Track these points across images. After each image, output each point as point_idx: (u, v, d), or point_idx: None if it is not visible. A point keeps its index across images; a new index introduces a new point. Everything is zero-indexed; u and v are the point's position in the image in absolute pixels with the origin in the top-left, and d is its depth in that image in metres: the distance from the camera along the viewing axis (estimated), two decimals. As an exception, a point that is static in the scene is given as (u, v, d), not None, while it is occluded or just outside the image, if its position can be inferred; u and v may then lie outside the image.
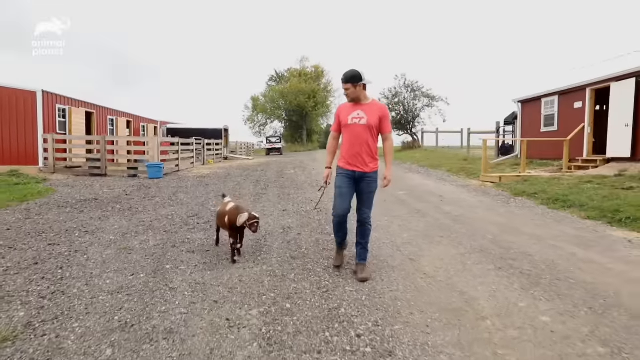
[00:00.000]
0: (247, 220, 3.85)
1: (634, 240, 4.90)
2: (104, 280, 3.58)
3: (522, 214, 6.66)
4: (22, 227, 5.64)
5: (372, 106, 3.60)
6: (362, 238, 3.70)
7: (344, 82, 3.50)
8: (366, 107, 3.57)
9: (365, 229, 3.67)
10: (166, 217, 6.35)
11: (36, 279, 3.58)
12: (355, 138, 3.55)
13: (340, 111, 3.69)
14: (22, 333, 2.60)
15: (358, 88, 3.52)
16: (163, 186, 10.41)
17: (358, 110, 3.57)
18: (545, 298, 3.16)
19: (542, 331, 2.63)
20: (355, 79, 3.48)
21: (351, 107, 3.62)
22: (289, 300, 3.14)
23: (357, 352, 2.39)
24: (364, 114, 3.54)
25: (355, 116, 3.55)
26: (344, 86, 3.52)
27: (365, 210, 3.65)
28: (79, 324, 2.74)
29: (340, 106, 3.75)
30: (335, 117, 3.76)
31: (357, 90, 3.52)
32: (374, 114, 3.55)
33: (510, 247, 4.61)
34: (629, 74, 9.93)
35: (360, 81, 3.49)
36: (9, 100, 12.53)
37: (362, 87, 3.55)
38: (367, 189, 3.62)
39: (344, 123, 3.60)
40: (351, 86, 3.50)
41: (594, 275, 3.65)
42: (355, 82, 3.49)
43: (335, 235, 3.90)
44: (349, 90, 3.52)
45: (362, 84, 3.52)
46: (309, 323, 2.77)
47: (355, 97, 3.57)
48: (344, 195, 3.61)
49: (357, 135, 3.54)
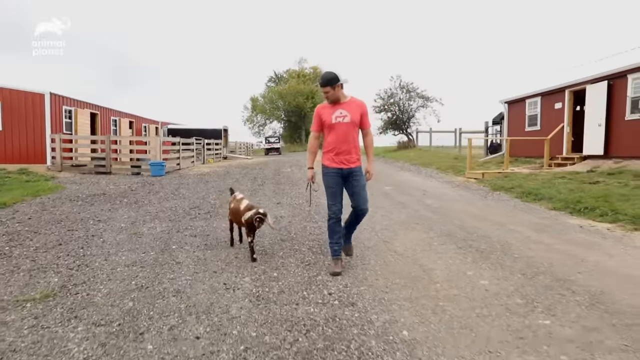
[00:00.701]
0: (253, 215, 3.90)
1: (585, 226, 5.53)
2: (120, 257, 4.20)
3: (496, 205, 7.30)
4: (41, 217, 6.26)
5: (352, 103, 3.70)
6: (357, 223, 3.96)
7: (323, 86, 3.61)
8: (346, 105, 3.67)
9: (361, 218, 3.89)
10: (170, 209, 6.97)
11: (62, 256, 4.21)
12: (342, 136, 3.64)
13: (320, 112, 3.75)
14: (59, 292, 3.23)
15: (337, 89, 3.62)
16: (165, 183, 11.04)
17: (340, 109, 3.66)
18: (490, 268, 3.78)
19: (479, 290, 3.26)
20: (333, 81, 3.58)
21: (331, 107, 3.70)
22: (276, 271, 3.76)
23: (327, 304, 3.02)
24: (346, 112, 3.64)
25: (338, 115, 3.64)
26: (324, 90, 3.62)
27: (363, 203, 3.77)
28: (103, 286, 3.37)
29: (319, 107, 3.81)
30: (315, 118, 3.80)
31: (336, 92, 3.62)
32: (355, 111, 3.66)
33: (475, 231, 5.24)
34: (601, 77, 10.58)
35: (338, 82, 3.60)
36: (19, 102, 13.17)
37: (340, 87, 3.65)
38: (359, 183, 3.71)
39: (328, 123, 3.67)
40: (330, 89, 3.60)
41: (537, 252, 4.29)
42: (334, 84, 3.59)
43: (330, 240, 3.81)
44: (329, 92, 3.62)
45: (340, 84, 3.63)
46: (291, 286, 3.39)
47: (335, 98, 3.66)
48: (336, 194, 3.71)
49: (343, 133, 3.64)
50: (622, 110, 9.98)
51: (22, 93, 13.21)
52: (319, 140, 3.88)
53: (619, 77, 10.06)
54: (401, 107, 26.71)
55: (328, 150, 3.73)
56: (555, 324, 2.64)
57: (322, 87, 3.63)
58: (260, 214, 3.90)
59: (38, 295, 3.14)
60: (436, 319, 2.73)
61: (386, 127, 27.67)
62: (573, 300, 3.03)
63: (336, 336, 2.51)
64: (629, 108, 9.79)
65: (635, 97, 9.65)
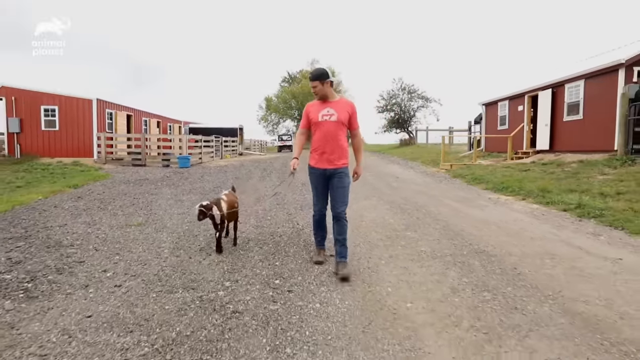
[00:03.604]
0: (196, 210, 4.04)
1: (493, 198, 7.76)
2: (172, 210, 6.65)
3: (445, 186, 9.54)
4: (110, 192, 8.81)
5: (341, 103, 3.67)
6: (340, 234, 3.64)
7: (312, 80, 3.58)
8: (335, 104, 3.64)
9: (342, 224, 3.63)
10: (199, 188, 9.45)
11: (138, 210, 6.70)
12: (327, 135, 3.60)
13: (309, 109, 3.72)
14: (144, 223, 5.69)
15: (325, 85, 3.57)
16: (192, 172, 13.58)
17: (327, 107, 3.61)
18: (403, 217, 6.08)
19: (387, 224, 5.56)
20: (323, 76, 3.56)
21: (320, 104, 3.66)
22: (270, 218, 6.15)
23: (293, 228, 5.38)
24: (333, 111, 3.59)
25: (325, 113, 3.59)
26: (312, 84, 3.59)
27: (340, 205, 3.64)
28: (168, 221, 5.81)
29: (309, 104, 3.79)
30: (304, 115, 3.79)
31: (324, 88, 3.57)
32: (343, 110, 3.61)
33: (410, 200, 7.52)
34: (548, 85, 12.65)
35: (327, 78, 3.57)
36: (71, 106, 15.95)
37: (329, 85, 3.61)
38: (340, 184, 3.65)
39: (315, 120, 3.63)
40: (319, 83, 3.55)
41: (440, 209, 6.56)
42: (323, 79, 3.55)
43: (314, 234, 4.03)
44: (317, 87, 3.57)
45: (329, 81, 3.59)
46: (277, 222, 5.76)
47: (323, 95, 3.62)
48: (320, 194, 3.81)
49: (328, 132, 3.59)
50: (561, 113, 12.05)
51: (74, 99, 15.97)
52: (306, 136, 3.86)
53: (559, 86, 12.13)
54: (402, 107, 28.83)
55: (313, 149, 3.74)
56: (416, 235, 4.95)
57: (310, 82, 3.61)
58: (202, 206, 3.99)
59: (136, 223, 5.62)
60: (359, 235, 5.08)
61: (389, 126, 29.82)
62: (433, 227, 5.33)
63: (295, 236, 4.88)
64: (566, 111, 11.86)
65: (571, 102, 11.70)
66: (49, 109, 15.95)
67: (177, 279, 3.48)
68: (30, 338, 2.46)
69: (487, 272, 3.61)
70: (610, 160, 9.04)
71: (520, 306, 2.88)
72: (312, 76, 3.60)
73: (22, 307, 2.91)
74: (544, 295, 3.07)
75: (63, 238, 4.80)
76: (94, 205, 7.09)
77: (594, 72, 10.73)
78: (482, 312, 2.80)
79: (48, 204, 7.07)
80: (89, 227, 5.41)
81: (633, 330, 2.51)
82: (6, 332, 2.53)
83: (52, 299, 3.05)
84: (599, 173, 8.37)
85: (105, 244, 4.60)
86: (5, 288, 3.23)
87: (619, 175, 7.82)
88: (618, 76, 9.82)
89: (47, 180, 11.50)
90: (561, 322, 2.63)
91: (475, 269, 3.69)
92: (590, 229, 5.10)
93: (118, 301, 3.01)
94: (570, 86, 11.63)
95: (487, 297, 3.06)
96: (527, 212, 6.31)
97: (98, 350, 2.33)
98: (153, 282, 3.42)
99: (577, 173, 8.82)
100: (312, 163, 3.76)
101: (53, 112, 15.96)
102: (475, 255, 4.11)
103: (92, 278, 3.51)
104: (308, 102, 3.89)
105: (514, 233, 4.99)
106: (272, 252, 4.31)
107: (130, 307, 2.91)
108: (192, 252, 4.33)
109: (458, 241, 4.63)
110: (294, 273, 3.64)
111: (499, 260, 3.93)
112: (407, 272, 3.65)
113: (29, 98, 15.79)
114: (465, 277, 3.49)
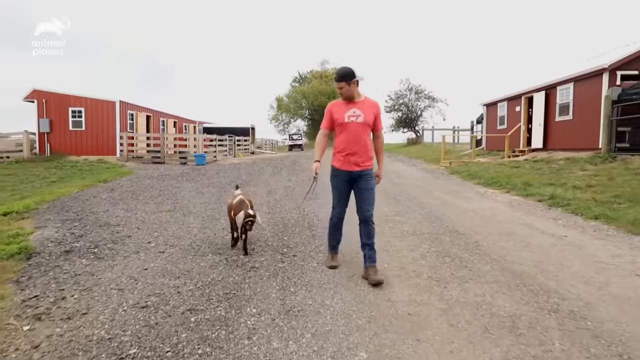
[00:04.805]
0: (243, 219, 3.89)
1: (481, 191, 8.58)
2: (196, 200, 7.64)
3: (441, 182, 10.38)
4: (137, 186, 9.85)
5: (366, 103, 3.54)
6: (369, 238, 3.57)
7: (338, 81, 3.44)
8: (360, 104, 3.51)
9: (370, 228, 3.57)
10: (216, 182, 10.45)
11: (165, 199, 7.70)
12: (353, 136, 3.47)
13: (332, 109, 3.58)
14: (173, 209, 6.67)
15: (352, 85, 3.45)
16: (208, 169, 14.63)
17: (353, 108, 3.49)
18: (396, 206, 6.96)
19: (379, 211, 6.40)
20: (349, 76, 3.41)
21: (345, 104, 3.53)
22: (280, 207, 7.08)
23: (299, 214, 6.31)
24: (360, 112, 3.47)
25: (351, 114, 3.47)
26: (338, 85, 3.45)
27: (368, 208, 3.56)
28: (193, 208, 6.79)
29: (331, 104, 3.66)
30: (326, 114, 3.65)
31: (351, 88, 3.45)
32: (369, 111, 3.50)
33: (406, 193, 8.39)
34: (542, 87, 13.38)
35: (354, 78, 3.42)
36: (97, 108, 17.16)
37: (356, 84, 3.48)
38: (367, 186, 3.56)
39: (340, 121, 3.50)
40: (345, 84, 3.43)
41: (430, 201, 7.43)
42: (349, 79, 3.42)
43: (329, 238, 3.87)
44: (343, 88, 3.45)
45: (355, 80, 3.45)
46: (285, 209, 6.68)
47: (349, 95, 3.49)
48: (342, 197, 3.67)
49: (355, 133, 3.47)
50: (553, 114, 12.76)
51: (99, 101, 17.17)
52: (328, 137, 3.70)
53: (552, 88, 12.85)
54: (409, 107, 29.57)
55: (338, 150, 3.59)
56: (403, 219, 5.83)
57: (336, 83, 3.48)
58: (250, 216, 3.89)
59: (166, 210, 6.61)
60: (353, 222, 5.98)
61: (397, 125, 30.60)
62: (419, 213, 6.21)
63: (301, 220, 5.81)
64: (558, 112, 12.57)
65: (562, 103, 12.41)
66: (76, 110, 17.19)
67: (206, 248, 4.44)
68: (107, 281, 3.44)
69: (453, 245, 4.49)
70: (594, 157, 9.76)
71: (469, 266, 3.77)
72: (338, 77, 3.45)
73: (95, 264, 3.90)
74: (491, 259, 3.95)
75: (109, 220, 5.81)
76: (127, 196, 8.13)
77: (582, 75, 11.44)
78: (439, 269, 3.69)
79: (87, 195, 8.12)
80: (128, 212, 6.42)
81: (546, 279, 3.38)
82: (90, 277, 3.52)
83: (115, 260, 4.03)
84: (580, 169, 9.13)
85: (144, 224, 5.59)
86: (78, 251, 4.23)
87: (597, 171, 8.58)
88: (602, 80, 10.54)
89: (77, 176, 12.66)
90: (496, 274, 3.52)
91: (444, 242, 4.58)
92: (554, 215, 5.93)
93: (164, 261, 3.98)
94: (562, 88, 12.34)
95: (447, 260, 3.95)
96: (507, 202, 7.14)
97: (158, 287, 3.29)
98: (188, 250, 4.38)
99: (561, 169, 9.58)
100: (337, 165, 3.60)
101: (80, 113, 17.19)
102: (448, 233, 4.98)
103: (140, 247, 4.49)
104: (330, 102, 3.75)
105: (487, 218, 5.85)
106: (282, 230, 5.25)
107: (174, 264, 3.88)
108: (216, 230, 5.29)
109: (437, 224, 5.50)
110: (298, 245, 4.57)
111: (466, 237, 4.81)
112: (389, 244, 4.55)
113: (58, 100, 17.04)
114: (434, 248, 4.38)
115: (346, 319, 2.74)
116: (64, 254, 4.13)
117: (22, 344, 2.45)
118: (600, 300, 2.95)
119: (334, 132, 3.66)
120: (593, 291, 3.12)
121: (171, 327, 2.63)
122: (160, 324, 2.68)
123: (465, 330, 2.56)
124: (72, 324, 2.68)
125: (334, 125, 3.59)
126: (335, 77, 3.47)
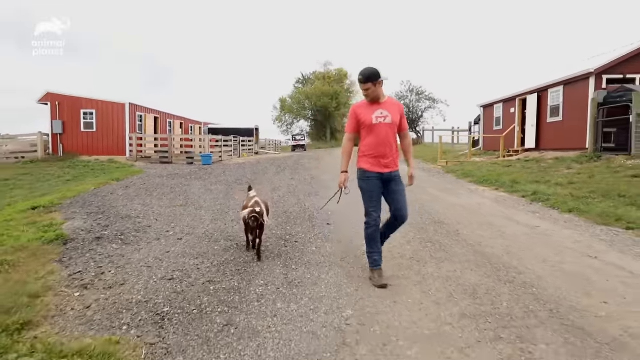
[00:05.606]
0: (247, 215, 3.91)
1: (472, 189, 9.14)
2: (205, 196, 8.25)
3: (436, 180, 10.93)
4: (149, 184, 10.48)
5: (390, 104, 3.48)
6: (392, 232, 3.70)
7: (364, 82, 3.33)
8: (385, 105, 3.43)
9: (400, 226, 3.65)
10: (223, 180, 11.06)
11: (177, 195, 8.32)
12: (383, 138, 3.39)
13: (358, 111, 3.47)
14: (185, 204, 7.29)
15: (378, 86, 3.35)
16: (214, 168, 15.25)
17: (380, 109, 3.40)
18: (389, 201, 7.53)
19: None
20: (375, 77, 3.32)
21: (369, 106, 3.44)
22: (283, 202, 7.67)
23: (301, 208, 6.89)
24: (387, 113, 3.40)
25: (379, 115, 3.38)
26: (364, 86, 3.34)
27: (405, 209, 3.57)
28: (204, 203, 7.39)
29: (356, 106, 3.56)
30: (350, 118, 3.53)
31: (377, 89, 3.35)
32: (395, 111, 3.45)
33: (401, 190, 8.95)
34: (534, 90, 13.92)
35: (379, 78, 3.34)
36: (107, 110, 17.85)
37: (381, 84, 3.38)
38: (400, 187, 3.54)
39: (368, 123, 3.40)
40: (371, 85, 3.32)
41: (422, 197, 7.98)
42: (375, 80, 3.32)
43: (370, 250, 3.56)
44: (370, 89, 3.34)
45: (381, 81, 3.36)
46: (289, 204, 7.27)
47: (376, 96, 3.39)
48: (377, 200, 3.51)
49: (384, 134, 3.39)
50: (545, 115, 13.30)
51: (110, 103, 17.86)
52: (354, 141, 3.58)
53: (544, 90, 13.39)
54: (410, 108, 30.11)
55: (366, 153, 3.48)
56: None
57: (362, 84, 3.35)
58: (255, 213, 3.86)
59: (179, 204, 7.23)
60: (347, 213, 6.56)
61: (398, 126, 31.14)
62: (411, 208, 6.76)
63: (302, 213, 6.40)
64: (549, 113, 13.11)
65: (553, 105, 12.95)
66: (87, 112, 17.89)
67: (219, 236, 5.05)
68: (137, 261, 4.05)
69: (436, 233, 5.07)
70: (580, 157, 10.30)
71: (447, 249, 4.35)
72: (364, 78, 3.32)
73: (123, 247, 4.51)
74: (467, 244, 4.53)
75: (129, 213, 6.42)
76: (141, 192, 8.75)
77: (571, 79, 11.98)
78: (420, 252, 4.28)
79: (104, 192, 8.75)
80: (144, 207, 7.03)
81: (510, 259, 3.96)
82: (121, 258, 4.13)
83: (140, 245, 4.64)
84: (566, 168, 9.67)
85: (161, 217, 6.20)
86: (107, 238, 4.85)
87: (580, 169, 9.12)
88: (589, 83, 11.07)
89: (90, 175, 13.34)
90: (468, 256, 4.10)
91: (429, 231, 5.16)
92: (533, 209, 6.50)
93: (183, 246, 4.59)
94: (553, 91, 12.88)
95: (429, 245, 4.53)
96: (493, 198, 7.70)
97: (180, 265, 3.90)
98: (202, 237, 4.99)
99: (549, 168, 10.12)
100: (367, 167, 3.46)
101: (91, 115, 17.89)
102: (434, 224, 5.56)
103: (160, 235, 5.09)
104: (354, 104, 3.69)
105: (472, 212, 6.42)
106: (285, 222, 5.84)
107: (192, 248, 4.48)
108: (227, 221, 5.90)
109: (425, 216, 6.08)
110: (299, 233, 5.17)
111: (449, 226, 5.39)
112: (380, 233, 5.12)
113: (70, 103, 17.75)
114: (419, 235, 4.96)
115: (337, 288, 3.33)
116: (96, 240, 4.75)
117: (76, 305, 3.06)
118: (550, 275, 3.52)
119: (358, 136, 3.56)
120: (547, 268, 3.69)
121: (195, 294, 3.23)
122: (186, 291, 3.28)
123: (434, 296, 3.15)
124: (114, 291, 3.29)
125: (359, 128, 3.48)
126: (360, 79, 3.35)
